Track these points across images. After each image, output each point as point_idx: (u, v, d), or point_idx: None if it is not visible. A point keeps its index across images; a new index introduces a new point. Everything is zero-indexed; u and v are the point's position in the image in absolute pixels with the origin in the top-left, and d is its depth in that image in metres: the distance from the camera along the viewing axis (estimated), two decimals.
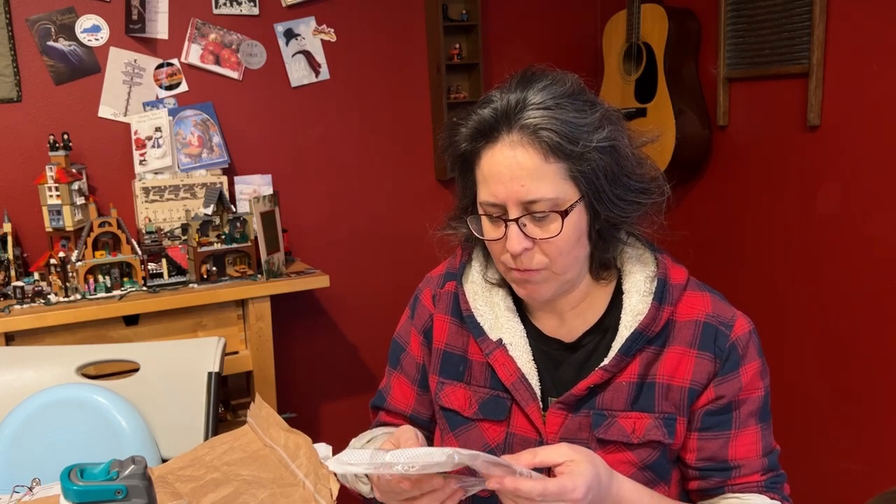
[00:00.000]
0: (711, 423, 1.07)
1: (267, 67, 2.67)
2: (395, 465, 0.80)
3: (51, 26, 2.39)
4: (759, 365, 1.07)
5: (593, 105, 1.01)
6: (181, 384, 1.57)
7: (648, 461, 1.06)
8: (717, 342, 1.05)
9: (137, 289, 2.15)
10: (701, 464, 1.08)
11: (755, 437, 1.07)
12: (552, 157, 0.97)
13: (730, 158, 2.71)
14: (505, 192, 0.99)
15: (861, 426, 2.35)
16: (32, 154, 2.40)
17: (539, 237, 1.00)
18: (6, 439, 1.43)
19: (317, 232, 2.79)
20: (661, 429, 1.05)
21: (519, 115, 0.98)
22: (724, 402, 1.06)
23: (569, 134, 0.97)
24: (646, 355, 1.06)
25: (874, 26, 2.17)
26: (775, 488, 1.08)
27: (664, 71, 2.65)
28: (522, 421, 1.10)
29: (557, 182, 0.98)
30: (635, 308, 1.07)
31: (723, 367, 1.05)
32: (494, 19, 2.98)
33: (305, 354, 2.85)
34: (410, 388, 1.23)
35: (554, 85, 1.01)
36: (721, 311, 1.08)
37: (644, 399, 1.06)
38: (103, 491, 0.89)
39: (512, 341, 1.11)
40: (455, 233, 1.16)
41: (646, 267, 1.10)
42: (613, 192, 1.01)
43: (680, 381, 1.05)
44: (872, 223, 2.24)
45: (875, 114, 2.20)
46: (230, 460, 1.21)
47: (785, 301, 2.55)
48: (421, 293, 1.24)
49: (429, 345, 1.20)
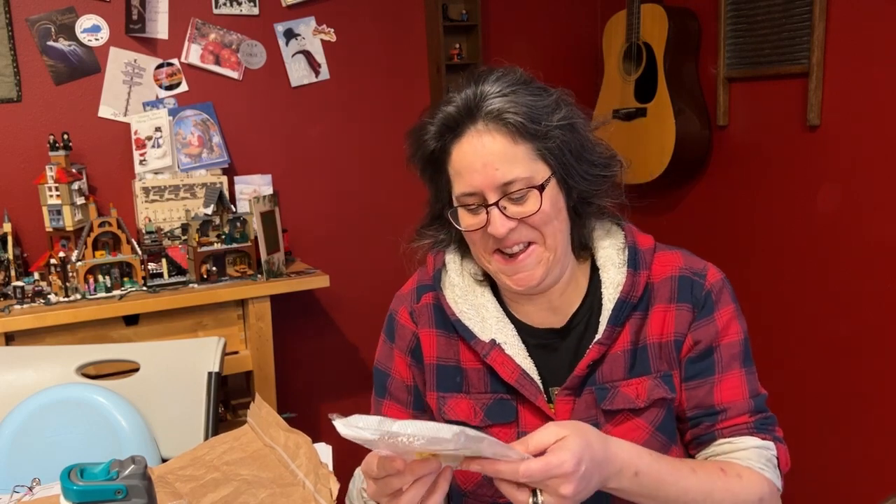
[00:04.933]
0: (695, 370, 1.09)
1: (267, 67, 2.67)
2: (401, 435, 0.79)
3: (51, 26, 2.39)
4: (734, 309, 1.11)
5: (546, 90, 1.06)
6: (181, 384, 1.57)
7: (657, 422, 1.08)
8: (693, 292, 1.09)
9: (137, 289, 2.15)
10: (691, 413, 1.10)
11: (739, 380, 1.09)
12: (519, 139, 1.01)
13: (730, 158, 2.71)
14: (480, 179, 1.02)
15: (862, 425, 2.35)
16: (32, 154, 2.40)
17: (521, 215, 1.03)
18: (6, 439, 1.43)
19: (317, 232, 2.79)
20: (662, 386, 1.08)
21: (480, 105, 1.02)
22: (702, 346, 1.09)
23: (530, 115, 1.01)
24: (633, 322, 1.09)
25: (874, 26, 2.17)
26: (766, 429, 1.09)
27: (664, 71, 2.65)
28: (531, 417, 1.10)
29: (528, 162, 1.02)
30: (613, 279, 1.10)
31: (699, 313, 1.09)
32: (494, 19, 2.98)
33: (305, 354, 2.85)
34: (404, 413, 1.21)
35: (506, 76, 1.05)
36: (692, 264, 1.12)
37: (640, 364, 1.08)
38: (103, 491, 0.89)
39: (506, 340, 1.11)
40: (427, 242, 1.18)
41: (615, 239, 1.14)
42: (580, 168, 1.06)
43: (667, 336, 1.09)
44: (872, 223, 2.24)
45: (875, 114, 2.20)
46: (230, 460, 1.21)
47: (785, 301, 2.55)
48: (396, 313, 1.21)
49: (419, 363, 1.18)
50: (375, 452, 0.89)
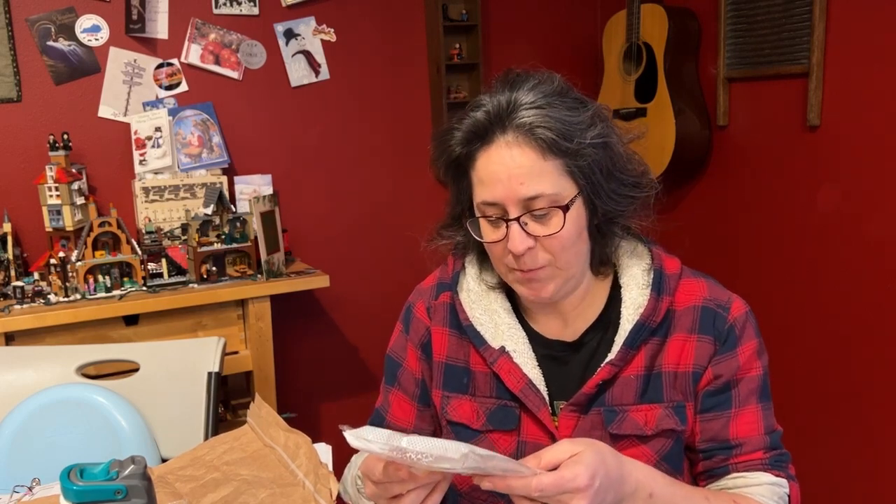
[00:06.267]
0: (712, 403, 1.07)
1: (267, 67, 2.67)
2: (409, 452, 0.79)
3: (51, 26, 2.39)
4: (757, 344, 1.08)
5: (583, 103, 1.02)
6: (181, 384, 1.57)
7: (664, 451, 1.06)
8: (715, 324, 1.07)
9: (137, 289, 2.15)
10: (704, 445, 1.09)
11: (756, 415, 1.07)
12: (549, 155, 0.98)
13: (730, 158, 2.71)
14: (504, 191, 0.99)
15: (861, 425, 2.35)
16: (32, 154, 2.40)
17: (541, 234, 1.00)
18: (6, 439, 1.43)
19: (317, 232, 2.79)
20: (672, 417, 1.06)
21: (512, 115, 0.99)
22: (722, 381, 1.07)
23: (564, 131, 0.97)
24: (650, 347, 1.06)
25: (874, 26, 2.17)
26: (780, 466, 1.08)
27: (664, 71, 2.65)
28: (534, 428, 1.09)
29: (555, 178, 0.98)
30: (635, 301, 1.07)
31: (721, 348, 1.06)
32: (494, 19, 2.98)
33: (305, 354, 2.85)
34: (410, 405, 1.21)
35: (542, 84, 1.02)
36: (717, 295, 1.09)
37: (652, 390, 1.06)
38: (103, 491, 0.89)
39: (515, 348, 1.10)
40: (447, 242, 1.15)
41: (641, 260, 1.11)
42: (609, 187, 1.02)
43: (684, 367, 1.06)
44: (872, 223, 2.24)
45: (875, 114, 2.20)
46: (230, 460, 1.21)
47: (785, 301, 2.55)
48: (414, 306, 1.21)
49: (428, 359, 1.18)
50: (378, 457, 0.88)
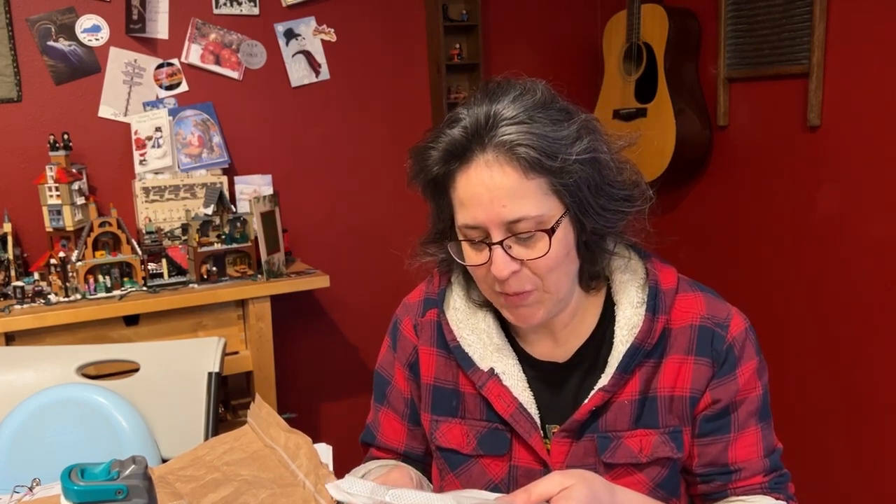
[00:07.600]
0: (710, 428, 1.04)
1: (267, 67, 2.67)
2: None
3: (51, 26, 2.39)
4: (757, 363, 1.04)
5: (569, 114, 0.96)
6: (181, 384, 1.57)
7: (659, 479, 1.03)
8: (713, 345, 1.02)
9: (137, 289, 2.15)
10: (702, 469, 1.06)
11: (755, 437, 1.05)
12: (532, 174, 0.91)
13: (730, 158, 2.71)
14: (485, 214, 0.93)
15: (861, 428, 2.35)
16: (32, 154, 2.40)
17: (526, 258, 0.95)
18: (6, 439, 1.43)
19: (317, 232, 2.79)
20: (668, 444, 1.02)
21: (492, 132, 0.92)
22: (721, 405, 1.03)
23: (547, 148, 0.91)
24: (645, 370, 1.02)
25: (874, 26, 2.17)
26: (779, 488, 1.06)
27: (664, 71, 2.65)
28: (525, 453, 1.05)
29: (539, 198, 0.92)
30: (630, 321, 1.02)
31: (720, 370, 1.02)
32: (494, 19, 2.98)
33: (305, 354, 2.85)
34: (401, 424, 1.18)
35: (524, 96, 0.95)
36: (715, 311, 1.04)
37: (648, 415, 1.02)
38: (104, 491, 0.89)
39: (504, 370, 1.05)
40: (431, 259, 1.10)
41: (635, 275, 1.06)
42: (598, 203, 0.96)
43: (681, 391, 1.02)
44: (872, 223, 2.24)
45: (875, 114, 2.20)
46: (230, 460, 1.21)
47: (784, 301, 2.55)
48: (401, 322, 1.17)
49: (416, 379, 1.14)
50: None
